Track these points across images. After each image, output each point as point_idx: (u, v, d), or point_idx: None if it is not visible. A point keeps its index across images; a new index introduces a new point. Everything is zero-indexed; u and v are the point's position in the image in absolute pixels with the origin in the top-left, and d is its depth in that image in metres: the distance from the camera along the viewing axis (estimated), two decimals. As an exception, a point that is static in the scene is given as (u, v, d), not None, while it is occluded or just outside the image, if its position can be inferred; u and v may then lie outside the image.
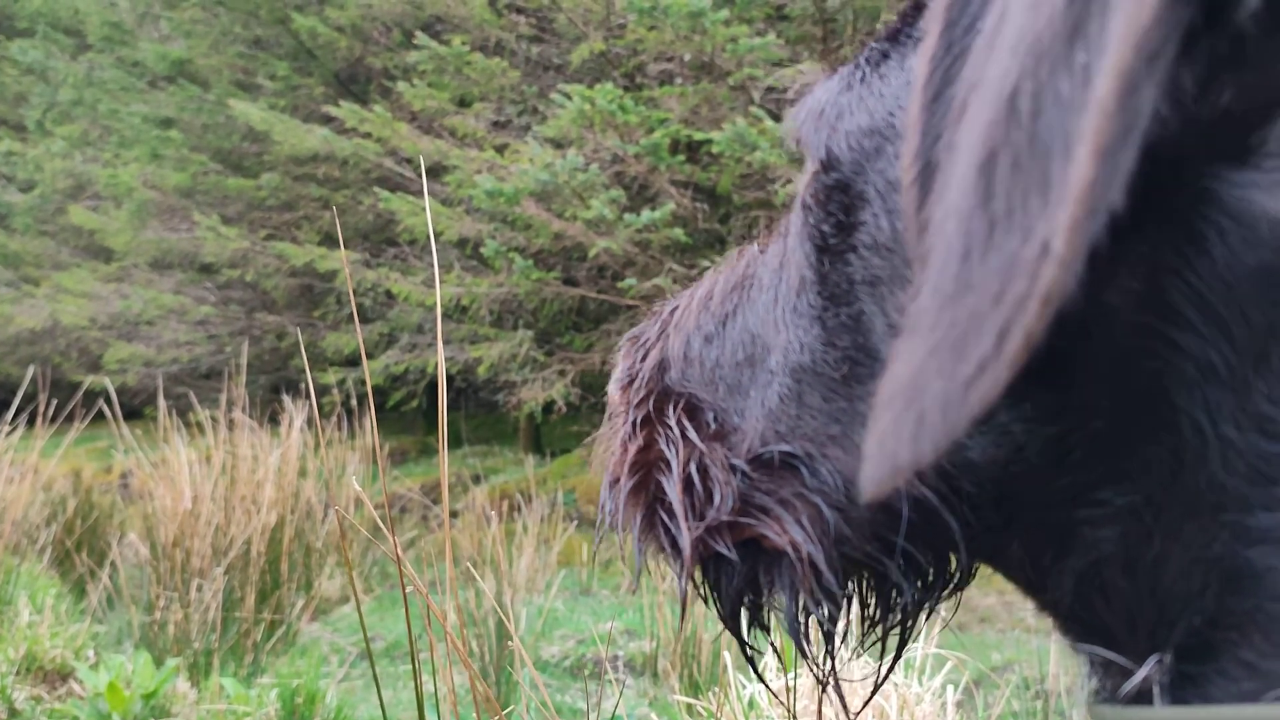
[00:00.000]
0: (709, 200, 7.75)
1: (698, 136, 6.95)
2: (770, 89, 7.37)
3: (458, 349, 8.42)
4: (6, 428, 5.13)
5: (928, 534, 0.44)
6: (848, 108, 0.45)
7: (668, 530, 0.52)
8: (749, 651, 0.58)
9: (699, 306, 0.56)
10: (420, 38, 7.76)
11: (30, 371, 5.70)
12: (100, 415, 4.87)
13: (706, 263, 7.23)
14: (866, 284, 0.44)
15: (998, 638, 4.91)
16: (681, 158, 7.38)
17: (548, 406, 8.15)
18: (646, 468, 0.53)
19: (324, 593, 5.32)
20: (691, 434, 0.51)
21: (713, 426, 0.51)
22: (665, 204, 6.93)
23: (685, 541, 0.51)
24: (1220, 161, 0.35)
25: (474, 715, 1.60)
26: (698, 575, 0.54)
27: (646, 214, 6.71)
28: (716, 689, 2.17)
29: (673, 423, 0.53)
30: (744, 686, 2.13)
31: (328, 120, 8.75)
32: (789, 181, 6.58)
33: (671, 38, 6.97)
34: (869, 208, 0.43)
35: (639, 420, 0.55)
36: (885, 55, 0.46)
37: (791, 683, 1.63)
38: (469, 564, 4.34)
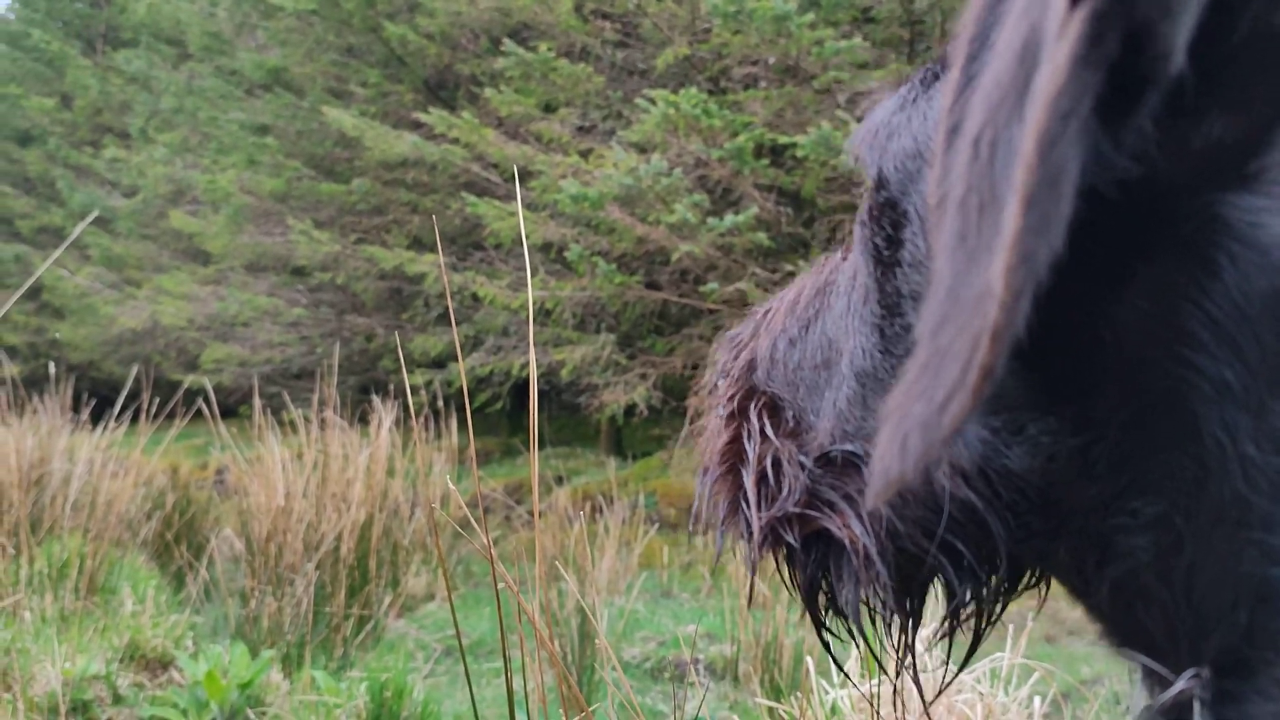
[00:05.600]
0: (793, 204, 7.72)
1: (782, 140, 6.93)
2: (856, 92, 7.31)
3: (541, 352, 8.51)
4: (112, 424, 5.34)
5: (974, 534, 0.46)
6: (897, 129, 0.47)
7: (745, 518, 0.55)
8: (825, 636, 0.61)
9: (787, 310, 0.58)
10: (507, 44, 7.87)
11: (134, 370, 5.93)
12: (198, 413, 5.04)
13: (790, 267, 7.20)
14: (911, 298, 0.46)
15: (1087, 650, 4.80)
16: (765, 162, 7.36)
17: (629, 410, 8.19)
18: (731, 460, 0.56)
19: (410, 590, 5.42)
20: (769, 430, 0.54)
21: (790, 424, 0.54)
22: (748, 208, 6.92)
23: (755, 528, 0.53)
24: (1226, 189, 0.36)
25: (560, 713, 1.62)
26: (781, 567, 0.57)
27: (730, 218, 6.70)
28: (799, 694, 2.17)
29: (754, 419, 0.55)
30: (826, 692, 2.13)
31: (417, 126, 8.92)
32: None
33: (756, 41, 6.96)
34: (910, 227, 0.45)
35: (727, 415, 0.57)
36: (935, 78, 0.47)
37: (875, 689, 1.63)
38: (554, 563, 4.38)
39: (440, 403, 6.42)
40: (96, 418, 5.66)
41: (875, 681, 1.58)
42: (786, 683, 3.44)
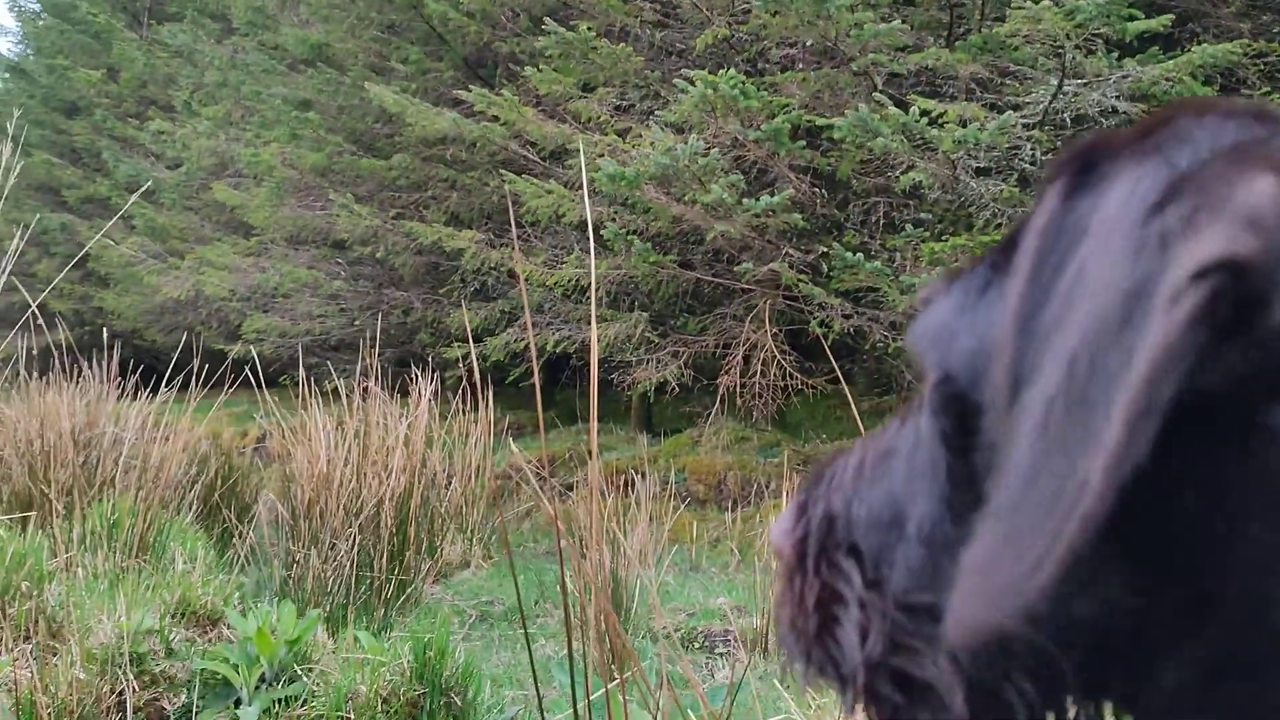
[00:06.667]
0: (828, 186, 7.74)
1: (819, 122, 6.95)
2: (894, 74, 7.32)
3: (575, 329, 8.62)
4: (161, 391, 5.49)
5: (1046, 674, 0.52)
6: (961, 330, 0.53)
7: (836, 665, 0.60)
8: None
9: (854, 473, 0.63)
10: (548, 23, 7.93)
11: (181, 339, 6.08)
12: (239, 381, 5.17)
13: (823, 248, 7.24)
14: (986, 475, 0.50)
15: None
16: (802, 143, 7.39)
17: (660, 387, 8.27)
18: (826, 607, 0.61)
19: (446, 557, 5.56)
20: (856, 580, 0.59)
21: (871, 575, 0.59)
22: (784, 189, 6.97)
23: (861, 670, 0.59)
24: (1272, 399, 0.43)
25: (591, 676, 1.71)
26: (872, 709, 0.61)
27: (765, 198, 6.75)
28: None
29: (843, 569, 0.61)
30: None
31: (457, 104, 9.01)
32: (910, 168, 6.54)
33: (795, 23, 6.98)
34: (981, 415, 0.51)
35: (814, 566, 0.62)
36: (989, 283, 0.53)
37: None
38: (585, 535, 4.49)
39: (478, 376, 6.53)
40: (141, 385, 5.80)
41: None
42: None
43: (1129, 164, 0.43)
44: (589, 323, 7.97)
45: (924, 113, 6.30)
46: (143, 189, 2.59)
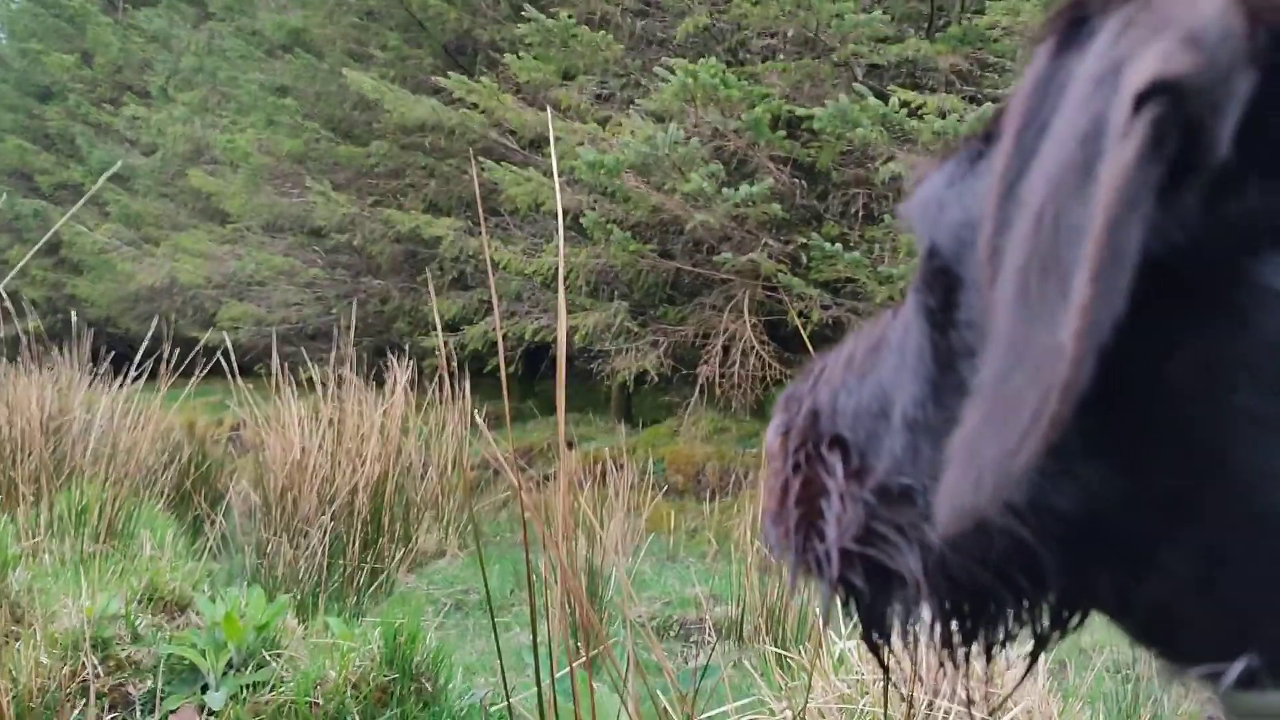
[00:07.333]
0: (807, 176, 7.73)
1: (799, 113, 6.94)
2: (874, 66, 7.31)
3: (555, 318, 8.58)
4: (130, 377, 5.43)
5: (1024, 564, 0.50)
6: (949, 201, 0.52)
7: (816, 557, 0.60)
8: (881, 654, 0.65)
9: (843, 366, 0.62)
10: (528, 10, 7.87)
11: (153, 326, 6.01)
12: (213, 370, 5.11)
13: (803, 239, 7.23)
14: (965, 355, 0.50)
15: (1087, 622, 4.86)
16: (782, 133, 7.37)
17: (640, 377, 8.25)
18: (809, 500, 0.60)
19: (421, 547, 5.52)
20: (839, 470, 0.59)
21: (855, 464, 0.58)
22: (763, 179, 6.94)
23: (834, 560, 0.58)
24: (1259, 249, 0.41)
25: (569, 661, 1.68)
26: (840, 595, 0.61)
27: (744, 188, 6.73)
28: (807, 644, 2.24)
29: (826, 461, 0.60)
30: (835, 642, 2.20)
31: (436, 91, 8.94)
32: (889, 159, 6.53)
33: (776, 13, 6.96)
34: (964, 291, 0.50)
35: (798, 459, 0.62)
36: (980, 155, 0.51)
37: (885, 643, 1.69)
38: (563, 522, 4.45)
39: (455, 365, 6.49)
40: (114, 372, 5.74)
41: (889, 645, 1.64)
42: (793, 641, 3.52)
43: (1119, 12, 0.40)
44: (567, 311, 7.93)
45: (904, 104, 6.29)
46: (111, 170, 2.52)
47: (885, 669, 0.73)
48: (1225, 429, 0.42)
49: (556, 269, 7.98)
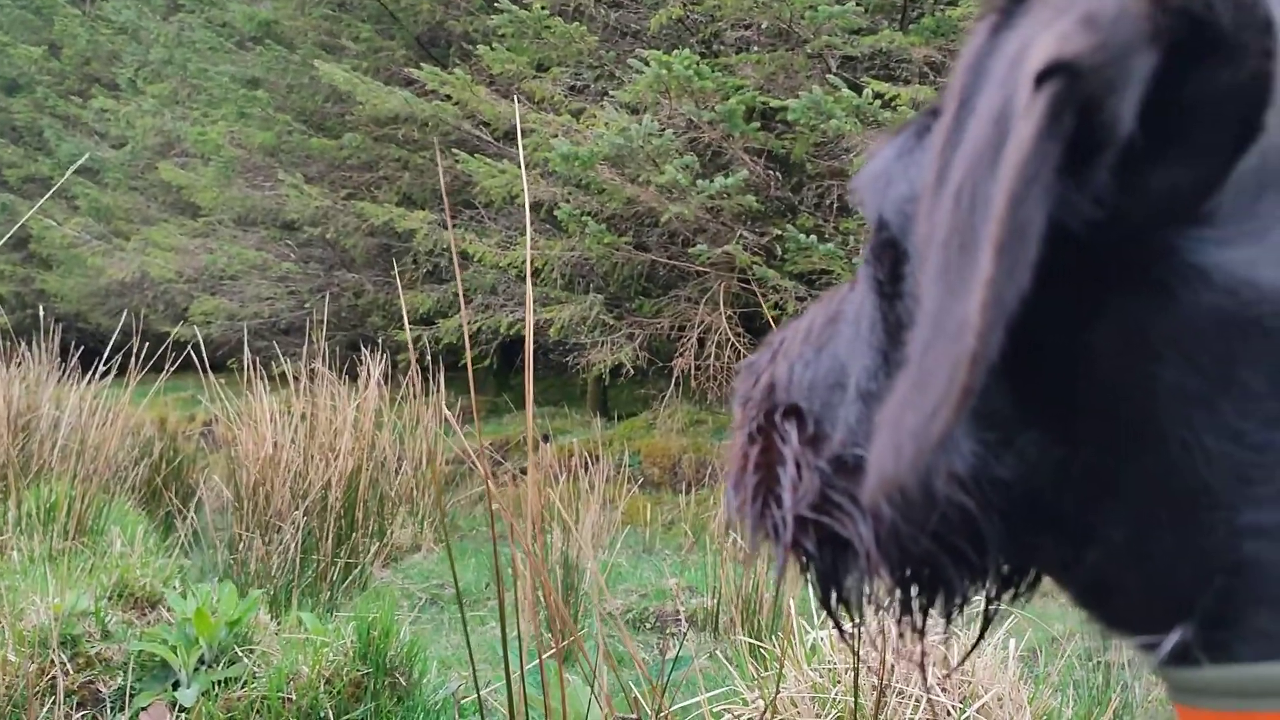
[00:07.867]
0: (782, 168, 7.74)
1: (773, 104, 6.94)
2: (848, 57, 7.32)
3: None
4: (99, 372, 5.37)
5: (969, 535, 0.51)
6: (895, 177, 0.52)
7: (772, 519, 0.61)
8: (838, 620, 0.67)
9: (801, 338, 0.63)
10: (501, 2, 7.83)
11: (123, 320, 5.95)
12: (185, 366, 5.07)
13: (777, 230, 7.24)
14: (909, 327, 0.50)
15: (1059, 610, 4.91)
16: (756, 125, 7.37)
17: (615, 370, 8.24)
18: (766, 467, 0.61)
19: (396, 541, 5.50)
20: (794, 438, 0.59)
21: (810, 432, 0.59)
22: (738, 171, 6.94)
23: (789, 525, 0.59)
24: (1181, 226, 0.42)
25: (543, 653, 1.68)
26: (796, 564, 0.62)
27: (719, 180, 6.73)
28: (780, 633, 2.25)
29: (781, 426, 0.61)
30: (807, 632, 2.20)
31: (409, 83, 8.89)
32: (864, 151, 6.55)
33: (750, 4, 6.95)
34: (909, 263, 0.51)
35: (755, 429, 0.63)
36: (928, 129, 0.52)
37: (855, 629, 1.69)
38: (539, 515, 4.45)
39: (429, 359, 6.46)
40: (84, 368, 5.68)
41: (856, 622, 1.65)
42: (767, 632, 3.52)
43: None
44: (542, 304, 7.92)
45: (877, 95, 6.30)
46: (79, 162, 2.50)
47: (856, 655, 0.74)
48: (1151, 402, 0.43)
49: (531, 262, 7.96)
